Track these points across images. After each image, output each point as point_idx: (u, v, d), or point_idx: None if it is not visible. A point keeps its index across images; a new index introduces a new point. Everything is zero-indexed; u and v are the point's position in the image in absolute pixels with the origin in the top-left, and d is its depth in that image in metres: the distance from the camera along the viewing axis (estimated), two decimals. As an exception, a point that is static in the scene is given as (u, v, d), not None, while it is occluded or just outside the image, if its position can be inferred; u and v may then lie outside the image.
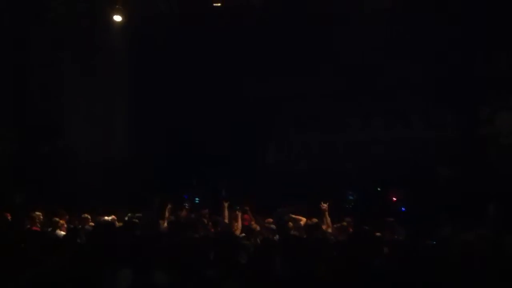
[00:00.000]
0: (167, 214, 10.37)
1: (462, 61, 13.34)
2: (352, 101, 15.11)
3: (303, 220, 9.76)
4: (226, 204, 10.38)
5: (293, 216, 10.01)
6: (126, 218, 10.11)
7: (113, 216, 10.16)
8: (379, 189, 14.91)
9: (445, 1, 12.93)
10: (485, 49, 12.94)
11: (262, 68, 15.19)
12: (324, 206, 9.58)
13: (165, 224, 9.86)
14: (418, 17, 13.40)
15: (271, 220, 9.97)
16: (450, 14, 13.02)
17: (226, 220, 9.90)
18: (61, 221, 9.76)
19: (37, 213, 9.76)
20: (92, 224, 9.76)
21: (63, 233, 9.20)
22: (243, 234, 9.31)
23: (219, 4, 13.36)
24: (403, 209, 14.08)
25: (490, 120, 12.91)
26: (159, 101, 15.67)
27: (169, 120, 15.74)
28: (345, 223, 9.46)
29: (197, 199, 14.90)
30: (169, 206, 10.49)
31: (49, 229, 9.46)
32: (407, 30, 13.65)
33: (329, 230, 9.33)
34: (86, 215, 10.16)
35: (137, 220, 9.73)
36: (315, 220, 9.25)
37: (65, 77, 15.12)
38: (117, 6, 13.56)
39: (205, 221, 10.24)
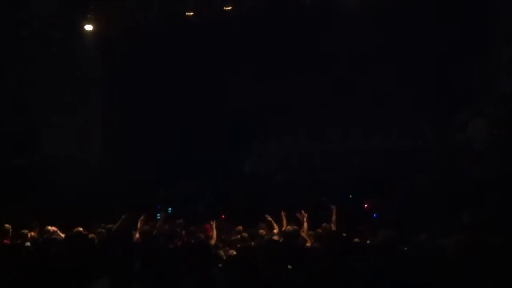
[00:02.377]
0: (140, 224, 10.21)
1: (437, 71, 13.53)
2: (331, 112, 15.17)
3: (277, 229, 9.81)
4: (213, 224, 10.16)
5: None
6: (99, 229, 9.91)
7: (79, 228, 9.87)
8: (351, 196, 14.99)
9: (422, 13, 13.12)
10: (460, 59, 13.16)
11: (241, 78, 15.17)
12: (304, 214, 9.63)
13: (137, 235, 9.71)
14: (395, 28, 13.58)
15: (241, 228, 9.94)
16: (426, 26, 13.23)
17: (213, 241, 9.64)
18: (32, 233, 9.55)
19: (7, 225, 9.53)
20: (63, 235, 9.57)
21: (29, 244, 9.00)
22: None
23: (191, 14, 13.35)
24: (374, 215, 14.18)
25: (464, 127, 13.10)
26: (135, 112, 15.55)
27: (145, 131, 15.60)
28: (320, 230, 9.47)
29: (170, 209, 14.78)
30: (142, 217, 10.34)
31: (18, 241, 9.25)
32: (385, 41, 13.80)
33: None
34: (53, 228, 9.97)
35: (103, 231, 9.59)
36: (294, 227, 9.27)
37: (41, 90, 14.93)
38: (88, 16, 13.52)
39: (179, 231, 10.12)
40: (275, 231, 9.74)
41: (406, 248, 6.87)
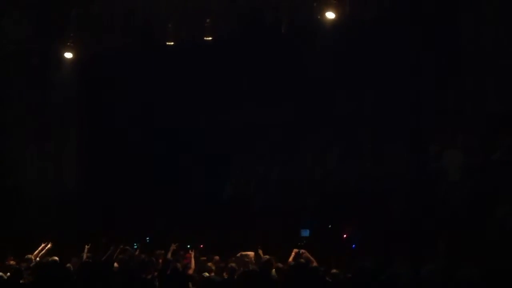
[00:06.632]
0: (117, 253, 10.12)
1: (412, 99, 13.74)
2: (305, 136, 15.27)
3: (251, 254, 9.82)
4: (192, 253, 10.05)
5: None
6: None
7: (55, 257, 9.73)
8: (330, 226, 14.98)
9: (397, 39, 13.39)
10: (434, 87, 13.41)
11: (218, 101, 15.26)
12: None
13: (115, 264, 9.61)
14: (372, 55, 13.80)
15: (218, 257, 9.91)
16: (401, 52, 13.48)
17: (191, 271, 9.50)
18: (11, 262, 9.44)
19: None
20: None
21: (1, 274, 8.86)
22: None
23: (171, 43, 13.48)
24: (353, 246, 14.14)
25: (438, 157, 13.23)
26: (110, 137, 15.51)
27: (121, 157, 15.53)
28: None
29: (148, 238, 14.64)
30: (121, 246, 10.25)
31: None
32: (358, 68, 14.02)
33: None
34: (30, 255, 9.84)
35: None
36: (266, 256, 9.25)
37: (15, 114, 14.81)
38: (68, 44, 13.56)
39: (155, 260, 10.01)
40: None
41: (383, 278, 6.90)
